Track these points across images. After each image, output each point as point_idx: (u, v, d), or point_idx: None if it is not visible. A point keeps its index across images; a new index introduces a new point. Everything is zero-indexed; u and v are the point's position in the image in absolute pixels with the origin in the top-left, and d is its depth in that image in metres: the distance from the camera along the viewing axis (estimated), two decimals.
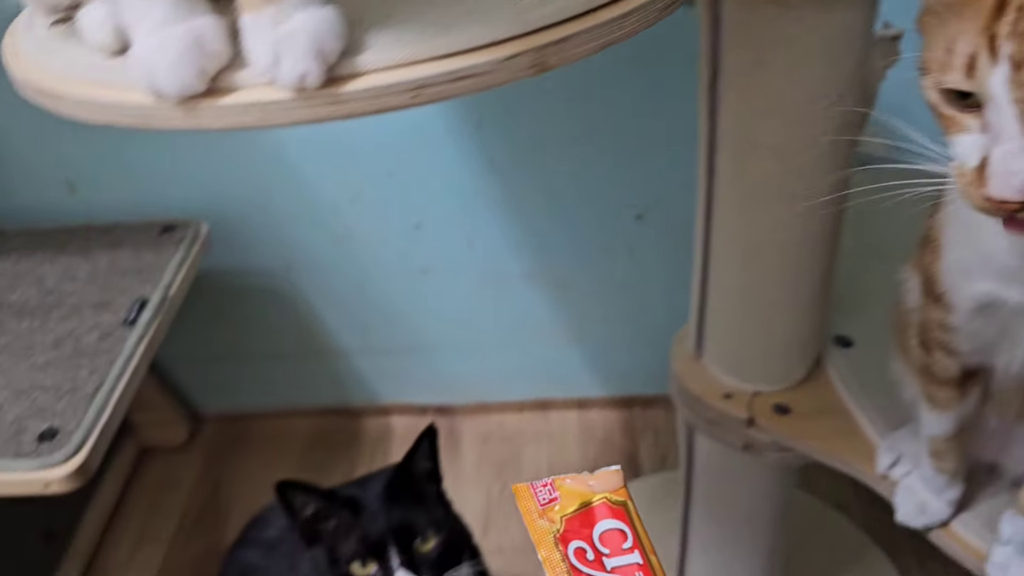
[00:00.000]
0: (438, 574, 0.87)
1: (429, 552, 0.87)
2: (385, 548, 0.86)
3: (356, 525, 0.87)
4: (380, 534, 0.86)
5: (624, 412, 1.74)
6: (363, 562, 0.86)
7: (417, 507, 0.89)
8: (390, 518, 0.87)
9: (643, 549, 0.37)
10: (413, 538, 0.87)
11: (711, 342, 0.98)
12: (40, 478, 0.99)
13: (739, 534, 1.12)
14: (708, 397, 0.98)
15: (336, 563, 0.87)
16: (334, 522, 0.88)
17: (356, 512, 0.88)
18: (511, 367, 1.70)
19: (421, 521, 0.88)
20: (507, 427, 1.73)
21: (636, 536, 0.37)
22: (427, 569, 0.86)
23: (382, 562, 0.86)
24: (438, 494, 0.95)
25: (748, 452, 0.99)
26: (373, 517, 0.87)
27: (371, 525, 0.86)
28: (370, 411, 1.77)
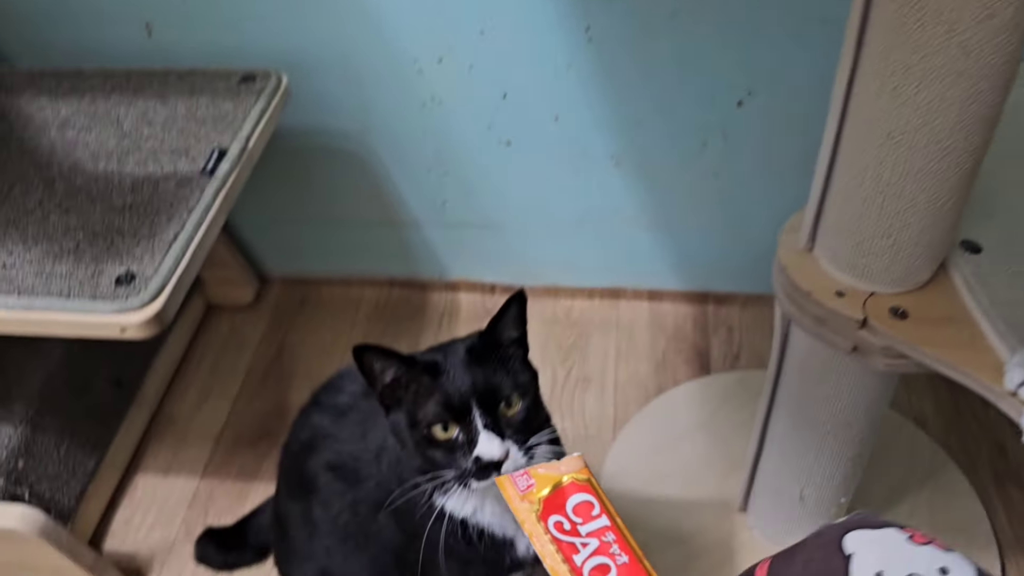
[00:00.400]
0: (522, 439, 0.82)
1: (514, 416, 0.83)
2: (468, 411, 0.81)
3: (438, 389, 0.82)
4: (463, 397, 0.81)
5: (697, 307, 1.68)
6: (445, 426, 0.81)
7: (502, 371, 0.84)
8: (474, 381, 0.82)
9: (608, 513, 0.44)
10: (498, 402, 0.82)
11: (828, 235, 0.91)
12: (117, 322, 0.97)
13: (825, 441, 1.07)
14: (818, 293, 0.91)
15: (416, 427, 0.83)
16: (414, 387, 0.84)
17: (437, 376, 0.83)
18: (585, 252, 1.64)
19: (506, 385, 0.83)
20: (576, 313, 1.69)
21: (602, 503, 0.45)
22: (511, 433, 0.82)
23: (465, 425, 0.81)
24: (524, 360, 0.90)
25: (854, 356, 0.92)
26: (456, 380, 0.82)
27: (454, 388, 0.82)
28: (438, 286, 1.73)
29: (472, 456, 0.80)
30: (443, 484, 0.84)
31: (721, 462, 1.38)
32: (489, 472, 0.80)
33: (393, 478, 0.93)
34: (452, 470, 0.82)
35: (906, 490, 1.33)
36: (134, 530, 1.40)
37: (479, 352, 0.85)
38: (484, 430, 0.80)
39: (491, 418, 0.81)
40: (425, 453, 0.83)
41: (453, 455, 0.82)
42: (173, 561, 1.35)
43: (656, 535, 1.29)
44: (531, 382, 0.87)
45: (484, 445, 0.80)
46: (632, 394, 1.54)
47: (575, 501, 0.46)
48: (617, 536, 0.44)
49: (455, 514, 0.89)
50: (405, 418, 0.84)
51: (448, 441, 0.82)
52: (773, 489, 1.21)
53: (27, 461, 1.27)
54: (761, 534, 1.27)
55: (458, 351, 0.86)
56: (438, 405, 0.81)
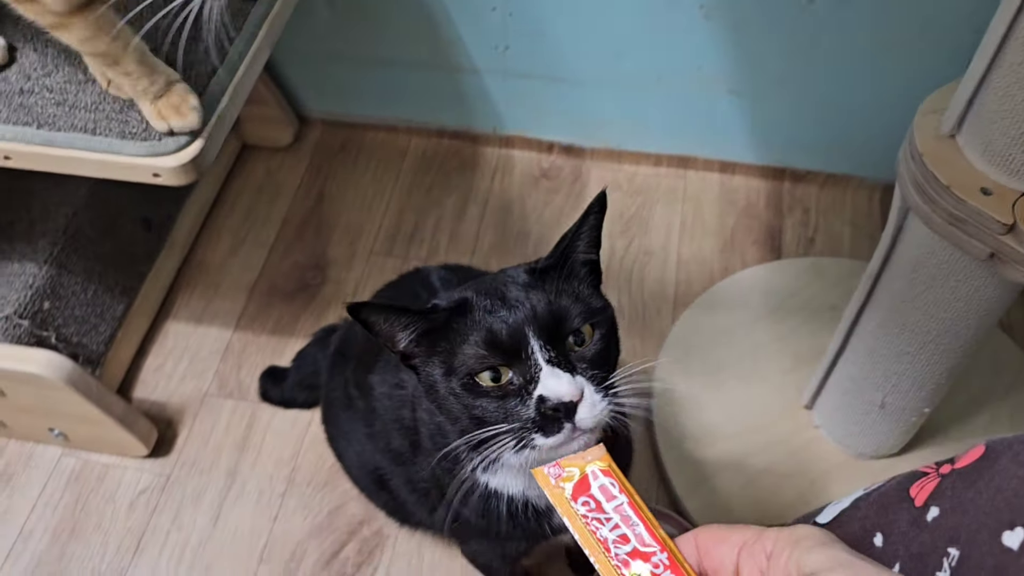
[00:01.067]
0: (601, 376, 0.63)
1: (585, 352, 0.64)
2: (524, 346, 0.61)
3: (478, 325, 0.63)
4: (515, 330, 0.62)
5: (773, 183, 1.54)
6: (494, 373, 0.62)
7: (569, 297, 0.65)
8: (533, 307, 0.63)
9: (627, 491, 0.51)
10: (565, 334, 0.63)
11: (983, 120, 0.76)
12: (149, 165, 0.86)
13: (924, 349, 0.96)
14: (959, 188, 0.78)
15: (453, 376, 0.63)
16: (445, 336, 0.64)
17: (472, 312, 0.64)
18: (656, 114, 1.49)
19: (575, 312, 0.64)
20: (639, 180, 1.56)
21: (621, 484, 0.52)
22: (585, 368, 0.63)
23: (520, 365, 0.62)
24: (597, 288, 0.70)
25: (987, 263, 0.80)
26: (504, 310, 0.63)
27: (501, 320, 0.62)
28: (492, 140, 1.60)
29: (534, 398, 0.61)
30: (490, 459, 0.65)
31: (788, 355, 1.28)
32: (560, 422, 0.60)
33: (432, 442, 0.78)
34: (509, 425, 0.62)
35: (987, 400, 1.23)
36: (165, 378, 1.34)
37: (540, 275, 0.67)
38: (547, 365, 0.61)
39: (557, 352, 0.62)
40: (470, 409, 0.63)
41: (507, 405, 0.62)
42: (205, 413, 1.30)
43: (712, 428, 1.21)
44: (606, 310, 0.68)
45: (549, 382, 0.60)
46: (695, 273, 1.43)
47: (599, 484, 0.52)
48: (635, 510, 0.50)
49: (501, 491, 0.75)
50: (440, 368, 0.65)
51: (499, 388, 0.62)
52: (849, 391, 1.11)
53: (53, 303, 1.20)
54: (828, 435, 1.19)
55: (509, 277, 0.68)
56: (481, 345, 0.62)
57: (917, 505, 0.49)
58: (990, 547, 0.43)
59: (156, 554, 1.18)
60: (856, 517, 0.53)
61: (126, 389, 1.32)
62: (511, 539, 0.80)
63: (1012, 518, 0.43)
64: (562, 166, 1.58)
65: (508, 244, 1.47)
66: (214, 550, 1.18)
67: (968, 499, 0.46)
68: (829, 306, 1.32)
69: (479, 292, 0.65)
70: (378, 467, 0.97)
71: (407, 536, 1.16)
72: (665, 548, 0.48)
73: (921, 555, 0.46)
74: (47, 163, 0.88)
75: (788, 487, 1.16)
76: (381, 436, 0.92)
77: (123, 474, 1.25)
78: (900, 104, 1.02)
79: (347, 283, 1.44)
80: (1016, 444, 0.46)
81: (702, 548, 0.46)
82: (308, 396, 1.26)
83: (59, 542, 1.19)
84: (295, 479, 1.23)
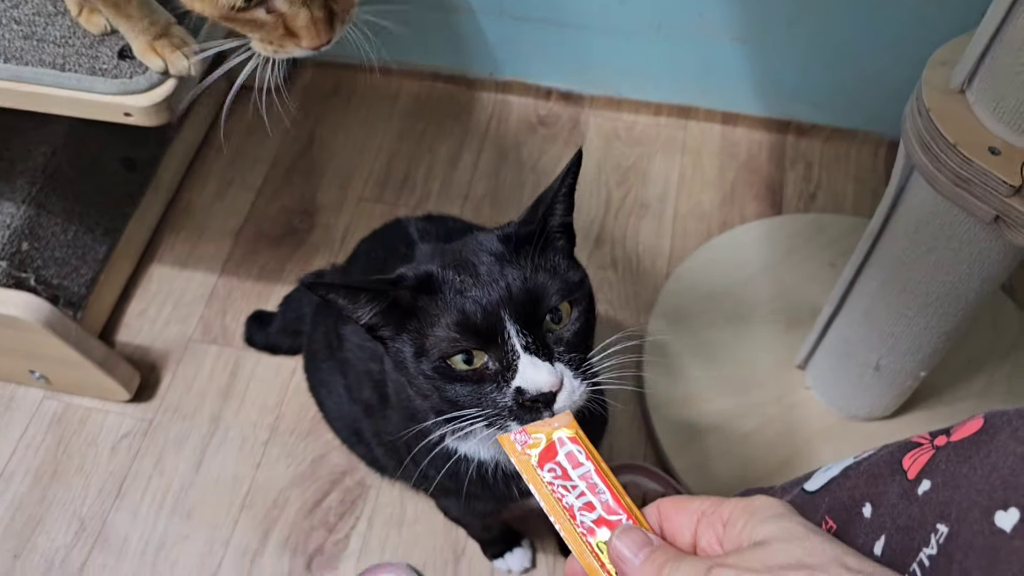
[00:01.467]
0: (578, 359, 0.60)
1: (564, 330, 0.60)
2: (500, 330, 0.58)
3: (450, 306, 0.59)
4: (490, 312, 0.58)
5: (775, 136, 1.50)
6: (467, 356, 0.58)
7: (544, 271, 0.60)
8: (507, 287, 0.58)
9: (593, 459, 0.51)
10: (542, 314, 0.59)
11: (995, 74, 0.72)
12: (119, 104, 0.82)
13: (923, 312, 0.93)
14: (966, 146, 0.74)
15: (424, 358, 0.60)
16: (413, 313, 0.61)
17: (440, 290, 0.60)
18: (657, 61, 1.44)
19: (552, 288, 0.60)
20: (638, 130, 1.51)
21: (588, 451, 0.52)
22: (564, 353, 0.59)
23: (496, 349, 0.58)
24: (570, 255, 0.65)
25: (991, 226, 0.77)
26: (477, 289, 0.59)
27: (474, 302, 0.58)
28: (488, 84, 1.55)
29: (512, 388, 0.58)
30: (464, 431, 0.62)
31: (784, 313, 1.25)
32: (538, 410, 0.57)
33: (401, 409, 0.76)
34: (483, 410, 0.59)
35: (985, 362, 1.21)
36: (149, 323, 1.32)
37: (516, 245, 0.61)
38: (525, 353, 0.57)
39: (534, 336, 0.58)
40: (443, 392, 0.60)
41: (483, 391, 0.59)
42: (189, 359, 1.28)
43: (702, 387, 1.19)
44: (583, 284, 0.63)
45: (528, 372, 0.57)
46: (692, 227, 1.39)
47: (565, 451, 0.52)
48: (601, 478, 0.50)
49: (471, 456, 0.72)
50: (410, 346, 0.61)
51: (474, 373, 0.59)
52: (844, 353, 1.09)
53: (32, 244, 1.17)
54: (820, 396, 1.17)
55: (480, 245, 0.63)
56: (453, 328, 0.58)
57: (910, 478, 0.46)
58: (981, 526, 0.41)
59: (138, 498, 1.17)
60: (846, 486, 0.51)
61: (109, 333, 1.30)
62: (480, 500, 0.79)
63: (1006, 498, 0.40)
64: (560, 113, 1.54)
65: (502, 193, 1.43)
66: (196, 496, 1.17)
67: (962, 474, 0.43)
68: (828, 264, 1.29)
69: (448, 266, 0.61)
70: (356, 419, 0.96)
71: (389, 487, 1.15)
72: (631, 516, 0.48)
73: (909, 529, 0.44)
74: (13, 99, 0.84)
75: (778, 448, 1.14)
76: (355, 387, 0.90)
77: (105, 418, 1.23)
78: (914, 54, 0.97)
79: (335, 229, 1.41)
80: (1016, 419, 0.44)
81: (664, 515, 0.47)
82: (293, 342, 1.24)
83: (40, 484, 1.18)
84: (278, 427, 1.22)
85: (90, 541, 1.13)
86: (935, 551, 0.42)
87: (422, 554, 1.10)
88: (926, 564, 0.42)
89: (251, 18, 0.72)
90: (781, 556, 0.39)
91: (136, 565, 1.11)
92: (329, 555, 1.11)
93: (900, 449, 0.49)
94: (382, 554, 1.11)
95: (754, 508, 0.43)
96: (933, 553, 0.42)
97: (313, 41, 0.74)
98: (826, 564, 0.39)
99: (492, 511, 0.85)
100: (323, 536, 1.13)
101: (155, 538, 1.13)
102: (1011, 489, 0.41)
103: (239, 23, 0.73)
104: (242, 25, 0.73)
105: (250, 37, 0.75)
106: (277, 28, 0.73)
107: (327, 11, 0.74)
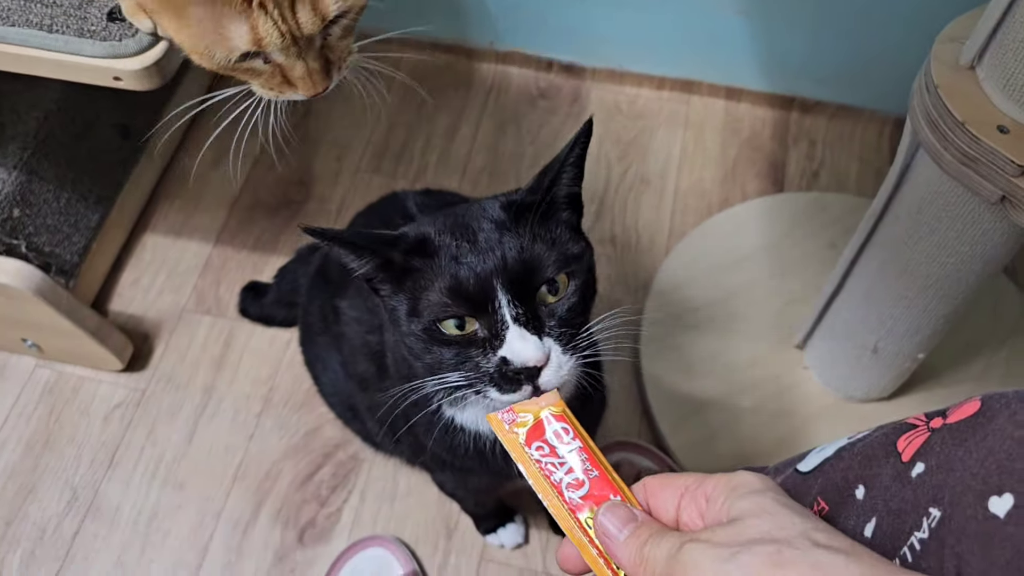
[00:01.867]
0: (568, 334, 0.59)
1: (558, 304, 0.59)
2: (491, 299, 0.57)
3: (443, 271, 0.58)
4: (482, 280, 0.57)
5: (779, 112, 1.48)
6: (459, 322, 0.58)
7: (543, 242, 0.59)
8: (503, 256, 0.57)
9: (581, 437, 0.51)
10: (536, 285, 0.58)
11: (1007, 50, 0.70)
12: (108, 68, 0.80)
13: (923, 293, 0.92)
14: (974, 125, 0.72)
15: (417, 318, 0.59)
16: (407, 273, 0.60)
17: (436, 254, 0.59)
18: (661, 34, 1.41)
19: (549, 260, 0.58)
20: (640, 103, 1.49)
21: (575, 430, 0.52)
22: (555, 327, 0.58)
23: (487, 317, 0.57)
24: (576, 228, 0.64)
25: (997, 206, 0.75)
26: (471, 255, 0.58)
27: (468, 268, 0.57)
28: (488, 55, 1.52)
29: (497, 357, 0.57)
30: (456, 395, 0.63)
31: (783, 292, 1.24)
32: (520, 382, 0.57)
33: (396, 368, 0.75)
34: (465, 373, 0.59)
35: (984, 346, 1.20)
36: (142, 292, 1.31)
37: (517, 212, 0.60)
38: (515, 324, 0.57)
39: (525, 308, 0.57)
40: (431, 351, 0.60)
41: (468, 354, 0.59)
42: (182, 329, 1.27)
43: (699, 364, 1.18)
44: (582, 257, 0.62)
45: (515, 345, 0.56)
46: (693, 203, 1.38)
47: (552, 429, 0.52)
48: (589, 455, 0.50)
49: (468, 427, 0.71)
50: (404, 305, 0.60)
51: (462, 338, 0.59)
52: (843, 333, 1.08)
53: (23, 210, 1.15)
54: (818, 376, 1.16)
55: (482, 211, 0.62)
56: (445, 294, 0.58)
57: (904, 460, 0.45)
58: (974, 511, 0.40)
59: (130, 468, 1.16)
60: (839, 467, 0.50)
61: (102, 302, 1.29)
62: (474, 473, 0.78)
63: (1001, 483, 0.39)
64: (561, 86, 1.51)
65: (501, 166, 1.42)
66: (189, 466, 1.16)
67: (956, 458, 0.42)
68: (829, 244, 1.28)
69: (446, 230, 0.60)
70: (351, 394, 0.95)
71: (383, 461, 1.15)
72: (619, 492, 0.48)
73: (901, 512, 0.43)
74: (2, 62, 0.82)
75: (774, 427, 1.14)
76: (351, 361, 0.89)
77: (98, 387, 1.22)
78: (927, 28, 0.95)
79: (332, 200, 1.39)
80: (1015, 402, 0.42)
81: (649, 491, 0.47)
82: (287, 314, 1.23)
83: (32, 453, 1.18)
84: (272, 399, 1.21)
85: (82, 510, 1.13)
86: (927, 535, 0.41)
87: (414, 528, 1.10)
88: (917, 548, 0.42)
89: (249, 67, 0.72)
90: (751, 531, 0.39)
91: (128, 535, 1.11)
92: (321, 528, 1.11)
93: (895, 431, 0.48)
94: (374, 527, 1.10)
95: (734, 484, 0.43)
96: (925, 537, 0.41)
97: (309, 91, 0.75)
98: (794, 538, 0.38)
99: (488, 487, 0.84)
100: (315, 509, 1.12)
101: (147, 508, 1.13)
102: (1006, 474, 0.40)
103: (238, 72, 0.74)
104: (241, 74, 0.74)
105: (250, 83, 0.76)
106: (275, 76, 0.74)
107: (323, 61, 0.75)
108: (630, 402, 1.18)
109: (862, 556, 0.38)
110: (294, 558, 1.09)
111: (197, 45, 0.70)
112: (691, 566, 0.39)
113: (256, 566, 1.08)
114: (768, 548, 0.38)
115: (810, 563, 0.37)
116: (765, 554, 0.38)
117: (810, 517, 0.41)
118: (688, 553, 0.40)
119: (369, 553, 1.06)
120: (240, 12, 0.66)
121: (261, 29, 0.67)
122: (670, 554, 0.41)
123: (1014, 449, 0.40)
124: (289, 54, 0.71)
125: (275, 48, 0.69)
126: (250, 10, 0.66)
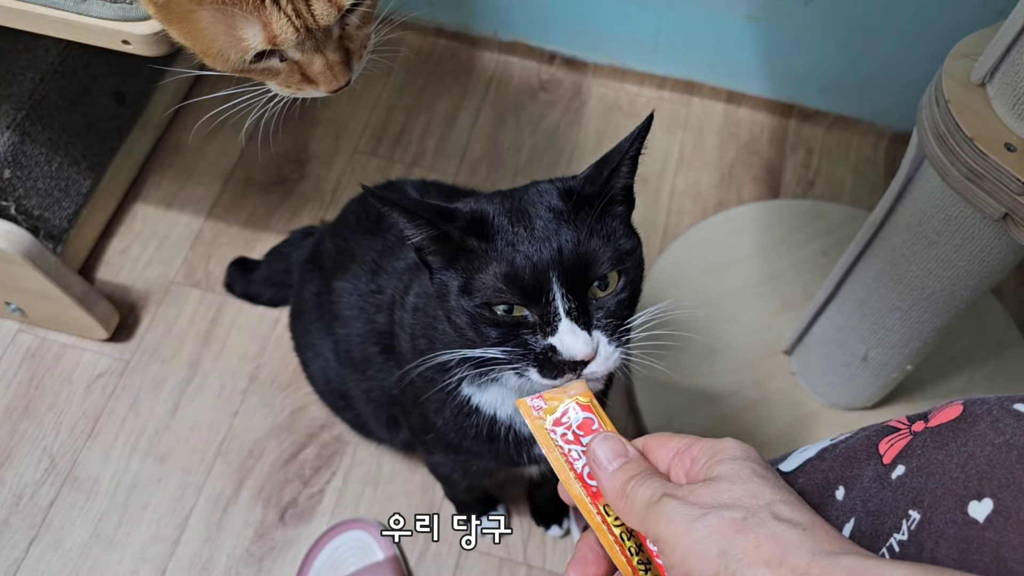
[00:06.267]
0: (615, 325, 0.59)
1: (608, 298, 0.59)
2: (546, 291, 0.57)
3: (499, 256, 0.58)
4: (539, 272, 0.56)
5: (778, 119, 1.49)
6: (509, 308, 0.58)
7: (599, 237, 0.58)
8: (560, 249, 0.57)
9: (607, 427, 0.52)
10: (589, 281, 0.58)
11: (1018, 71, 0.71)
12: (117, 31, 0.79)
13: (917, 306, 0.93)
14: (982, 141, 0.73)
15: (469, 296, 0.59)
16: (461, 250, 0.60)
17: (493, 237, 0.59)
18: (666, 33, 1.42)
19: (604, 256, 0.58)
20: (640, 102, 1.49)
21: (601, 420, 0.53)
22: (602, 319, 0.58)
23: (538, 307, 0.57)
24: (628, 221, 0.64)
25: (999, 223, 0.76)
26: (529, 244, 0.57)
27: (525, 257, 0.57)
28: (491, 44, 1.52)
29: (545, 342, 0.57)
30: (485, 372, 0.62)
31: (774, 298, 1.25)
32: (563, 371, 0.57)
33: (413, 344, 0.74)
34: (510, 351, 0.58)
35: (968, 361, 1.22)
36: (131, 262, 1.29)
37: (576, 203, 0.59)
38: (567, 318, 0.57)
39: (578, 302, 0.57)
40: (477, 328, 0.60)
41: (516, 333, 0.59)
42: (170, 301, 1.26)
43: (689, 362, 1.19)
44: (635, 252, 0.62)
45: (566, 339, 0.57)
46: (688, 205, 1.38)
47: (579, 419, 0.53)
48: None
49: (484, 410, 0.71)
50: (456, 281, 0.60)
51: (512, 319, 0.59)
52: (833, 341, 1.09)
53: (14, 172, 1.13)
54: (804, 382, 1.17)
55: (540, 196, 0.61)
56: (500, 280, 0.57)
57: (885, 463, 0.46)
58: (953, 515, 0.40)
59: (111, 439, 1.15)
60: (820, 468, 0.51)
61: (89, 270, 1.27)
62: (480, 457, 0.78)
63: (981, 487, 0.40)
64: (562, 79, 1.51)
65: (498, 156, 1.41)
66: (171, 440, 1.15)
67: (937, 461, 0.43)
68: (822, 252, 1.28)
69: (503, 212, 0.60)
70: (343, 382, 0.94)
71: (367, 445, 1.14)
72: None
73: (880, 513, 0.44)
74: (5, 16, 0.80)
75: (758, 431, 1.14)
76: (343, 345, 0.88)
77: (81, 355, 1.21)
78: (929, 44, 0.96)
79: (327, 180, 1.38)
80: (996, 409, 0.43)
81: (647, 449, 0.50)
82: (275, 294, 1.22)
83: (11, 419, 1.16)
84: (258, 376, 1.20)
85: (60, 479, 1.12)
86: (906, 537, 0.42)
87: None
88: (896, 549, 0.42)
89: (265, 67, 0.70)
90: (724, 495, 0.42)
91: (106, 505, 1.10)
92: (303, 508, 1.10)
93: (877, 433, 0.49)
94: (356, 510, 1.10)
95: (717, 448, 0.46)
96: (903, 539, 0.42)
97: (331, 85, 0.72)
98: (757, 509, 0.41)
99: (488, 472, 0.84)
100: (298, 489, 1.12)
101: (127, 480, 1.12)
102: (987, 479, 0.40)
103: (254, 74, 0.71)
104: (258, 75, 0.71)
105: (267, 84, 0.73)
106: (294, 74, 0.71)
107: (343, 52, 0.72)
108: (618, 399, 1.19)
109: (817, 531, 0.40)
110: (274, 536, 1.08)
111: (209, 49, 0.67)
112: (664, 518, 0.42)
113: (235, 543, 1.08)
114: (735, 514, 0.40)
115: (768, 533, 0.39)
116: (731, 519, 0.40)
117: (780, 489, 0.43)
118: (664, 506, 0.43)
119: (350, 536, 1.06)
120: (252, 10, 0.63)
121: (275, 26, 0.64)
122: (650, 501, 0.44)
123: (995, 455, 0.41)
124: (306, 49, 0.69)
125: (291, 44, 0.67)
126: (262, 7, 0.63)
